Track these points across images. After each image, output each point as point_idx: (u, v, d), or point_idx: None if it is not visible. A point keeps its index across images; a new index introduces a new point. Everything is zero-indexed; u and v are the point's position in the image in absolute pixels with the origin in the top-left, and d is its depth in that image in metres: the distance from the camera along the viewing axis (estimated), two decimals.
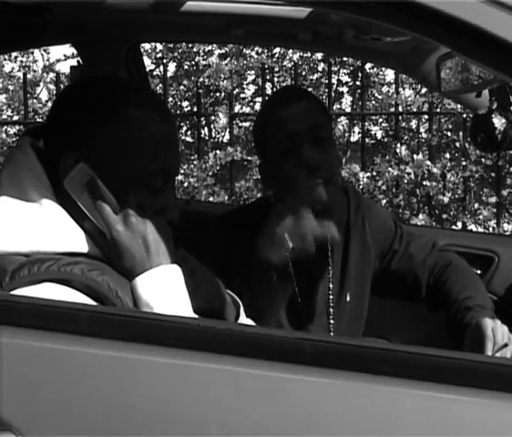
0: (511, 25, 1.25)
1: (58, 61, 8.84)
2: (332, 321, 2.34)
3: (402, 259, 2.44)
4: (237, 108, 8.56)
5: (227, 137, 8.45)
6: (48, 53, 9.22)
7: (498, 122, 2.09)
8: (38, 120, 7.43)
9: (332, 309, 2.34)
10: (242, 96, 9.20)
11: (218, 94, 8.54)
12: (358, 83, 8.65)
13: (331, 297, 2.35)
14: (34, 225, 1.52)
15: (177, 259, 1.60)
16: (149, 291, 1.52)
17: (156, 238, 1.56)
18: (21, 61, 9.28)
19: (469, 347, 2.08)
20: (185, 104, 8.91)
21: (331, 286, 2.35)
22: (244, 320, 1.91)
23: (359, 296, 2.40)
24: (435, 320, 2.43)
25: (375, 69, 8.98)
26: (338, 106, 9.06)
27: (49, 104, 8.25)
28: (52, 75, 8.86)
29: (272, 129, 2.24)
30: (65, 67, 8.68)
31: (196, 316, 1.57)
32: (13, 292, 1.41)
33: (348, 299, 2.36)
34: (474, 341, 2.07)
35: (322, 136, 2.22)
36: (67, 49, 8.62)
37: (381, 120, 8.54)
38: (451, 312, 2.23)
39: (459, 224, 6.11)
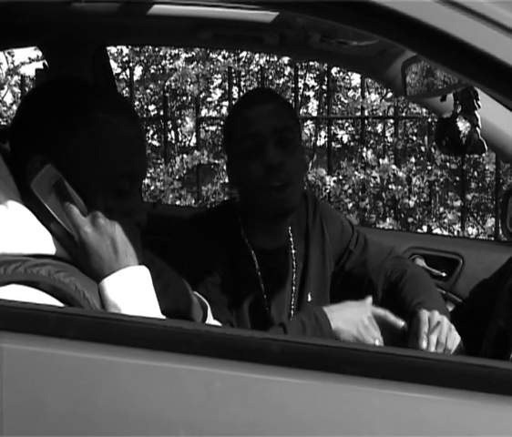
0: (467, 25, 1.27)
1: (23, 64, 8.75)
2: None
3: (357, 262, 2.48)
4: (203, 112, 8.54)
5: (194, 140, 8.43)
6: (13, 56, 9.14)
7: (463, 126, 2.11)
8: (3, 123, 7.37)
9: (292, 310, 2.37)
10: (209, 100, 9.18)
11: (184, 98, 8.52)
12: (324, 87, 8.68)
13: (292, 298, 2.38)
14: (0, 226, 1.51)
15: (144, 261, 1.60)
16: (117, 292, 1.52)
17: (124, 239, 1.56)
18: None
19: (410, 339, 2.10)
20: (151, 107, 8.87)
21: (293, 288, 2.38)
22: (212, 321, 1.91)
23: (320, 296, 2.42)
24: None
25: (341, 73, 9.01)
26: (304, 111, 9.07)
27: (14, 107, 8.18)
28: (17, 77, 8.78)
29: (238, 128, 2.28)
30: (30, 70, 8.62)
31: (163, 317, 1.57)
32: None
33: (309, 298, 2.39)
34: (413, 332, 2.10)
35: (286, 138, 2.24)
36: (32, 52, 8.55)
37: (347, 124, 8.56)
38: (404, 318, 2.22)
39: (425, 227, 6.16)
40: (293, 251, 2.39)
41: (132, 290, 1.54)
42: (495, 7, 1.27)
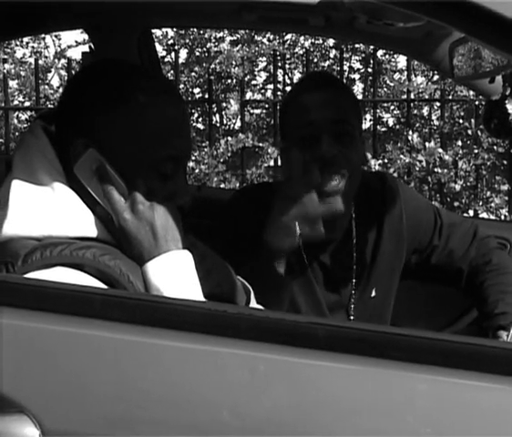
0: None
1: (70, 47, 8.84)
2: (351, 318, 2.26)
3: (442, 254, 2.35)
4: (248, 95, 8.53)
5: (238, 123, 8.44)
6: (60, 39, 9.23)
7: None
8: (50, 106, 7.43)
9: (353, 305, 2.26)
10: (254, 82, 9.18)
11: (229, 80, 8.53)
12: (370, 70, 8.62)
13: (353, 291, 2.26)
14: (46, 209, 1.52)
15: (187, 245, 1.60)
16: (158, 277, 1.52)
17: (164, 224, 1.56)
18: (32, 47, 9.28)
19: None
20: (196, 90, 8.90)
21: (354, 279, 2.27)
22: (255, 306, 1.91)
23: (386, 291, 2.31)
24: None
25: (387, 56, 8.95)
26: None
27: (60, 90, 8.25)
28: (63, 61, 8.86)
29: (293, 115, 2.17)
30: (76, 53, 8.69)
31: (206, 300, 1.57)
32: (25, 276, 1.42)
33: (373, 294, 2.27)
34: None
35: (345, 130, 2.12)
36: (79, 35, 8.63)
37: (392, 107, 8.50)
38: (485, 324, 2.15)
39: (471, 212, 6.09)
40: (355, 242, 2.26)
41: (173, 274, 1.54)
42: None
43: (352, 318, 2.26)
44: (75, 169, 1.55)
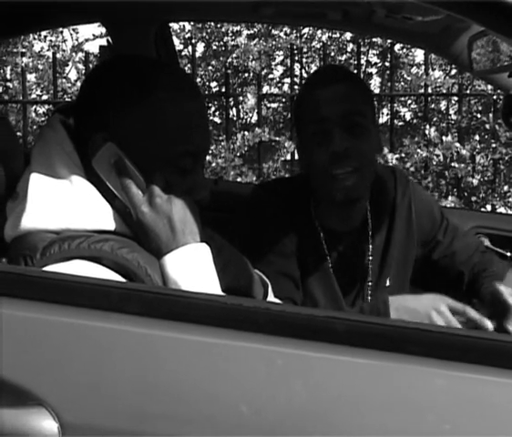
0: None
1: (87, 40, 8.84)
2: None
3: (445, 252, 2.38)
4: (265, 89, 8.53)
5: (255, 117, 8.43)
6: (77, 32, 9.25)
7: None
8: (67, 100, 7.45)
9: (369, 293, 2.29)
10: (271, 76, 9.17)
11: (246, 74, 8.52)
12: (387, 64, 8.60)
13: (369, 280, 2.29)
14: (64, 202, 1.53)
15: (204, 238, 1.60)
16: (176, 270, 1.52)
17: (182, 217, 1.56)
18: (50, 40, 9.30)
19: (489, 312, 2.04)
20: (213, 84, 8.90)
21: (370, 268, 2.29)
22: (272, 299, 1.91)
23: (400, 281, 2.33)
24: None
25: (405, 50, 8.91)
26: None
27: (78, 83, 8.27)
28: (81, 54, 8.88)
29: (306, 109, 2.19)
30: (94, 47, 8.70)
31: (223, 294, 1.57)
32: (44, 269, 1.42)
33: (388, 283, 2.29)
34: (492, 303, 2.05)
35: (356, 122, 2.13)
36: (96, 29, 8.63)
37: (410, 101, 8.47)
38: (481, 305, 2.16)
39: (488, 206, 6.07)
40: (370, 233, 2.29)
41: (191, 268, 1.54)
42: None
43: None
44: (93, 163, 1.56)
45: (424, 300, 2.05)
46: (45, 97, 8.65)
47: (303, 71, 8.91)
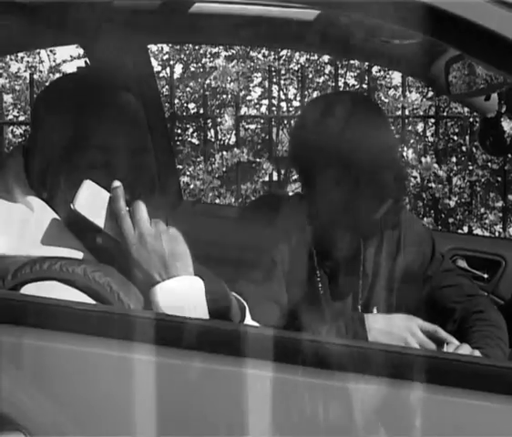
0: None
1: (65, 62, 8.82)
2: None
3: (435, 289, 2.39)
4: (243, 110, 8.53)
5: (233, 139, 8.44)
6: (55, 53, 9.22)
7: (507, 125, 2.08)
8: None
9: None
10: (249, 98, 9.18)
11: (224, 96, 8.52)
12: (365, 86, 8.63)
13: (357, 306, 2.29)
14: (28, 229, 1.52)
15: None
16: (166, 302, 1.50)
17: (173, 252, 1.55)
18: (27, 61, 9.27)
19: None
20: (191, 106, 8.89)
21: (359, 294, 2.30)
22: (250, 322, 1.90)
23: (385, 311, 2.31)
24: None
25: (382, 72, 8.96)
26: None
27: None
28: (58, 75, 8.84)
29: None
30: (71, 68, 8.68)
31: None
32: (14, 290, 1.41)
33: (375, 311, 2.29)
34: None
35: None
36: (74, 50, 8.61)
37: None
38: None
39: (465, 228, 6.09)
40: (362, 257, 2.30)
41: (181, 300, 1.52)
42: None
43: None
44: (76, 206, 1.53)
45: (396, 321, 2.05)
46: (22, 118, 8.61)
47: (281, 93, 8.93)
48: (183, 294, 1.53)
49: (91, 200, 1.55)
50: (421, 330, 2.04)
